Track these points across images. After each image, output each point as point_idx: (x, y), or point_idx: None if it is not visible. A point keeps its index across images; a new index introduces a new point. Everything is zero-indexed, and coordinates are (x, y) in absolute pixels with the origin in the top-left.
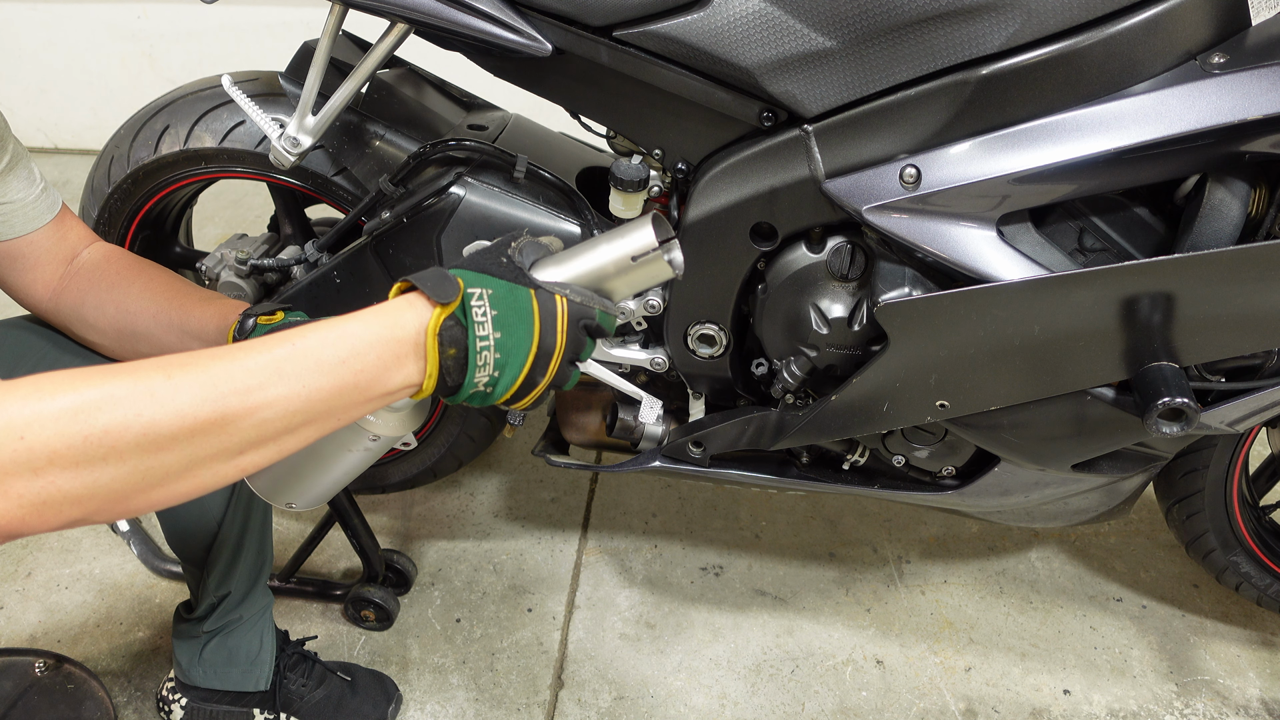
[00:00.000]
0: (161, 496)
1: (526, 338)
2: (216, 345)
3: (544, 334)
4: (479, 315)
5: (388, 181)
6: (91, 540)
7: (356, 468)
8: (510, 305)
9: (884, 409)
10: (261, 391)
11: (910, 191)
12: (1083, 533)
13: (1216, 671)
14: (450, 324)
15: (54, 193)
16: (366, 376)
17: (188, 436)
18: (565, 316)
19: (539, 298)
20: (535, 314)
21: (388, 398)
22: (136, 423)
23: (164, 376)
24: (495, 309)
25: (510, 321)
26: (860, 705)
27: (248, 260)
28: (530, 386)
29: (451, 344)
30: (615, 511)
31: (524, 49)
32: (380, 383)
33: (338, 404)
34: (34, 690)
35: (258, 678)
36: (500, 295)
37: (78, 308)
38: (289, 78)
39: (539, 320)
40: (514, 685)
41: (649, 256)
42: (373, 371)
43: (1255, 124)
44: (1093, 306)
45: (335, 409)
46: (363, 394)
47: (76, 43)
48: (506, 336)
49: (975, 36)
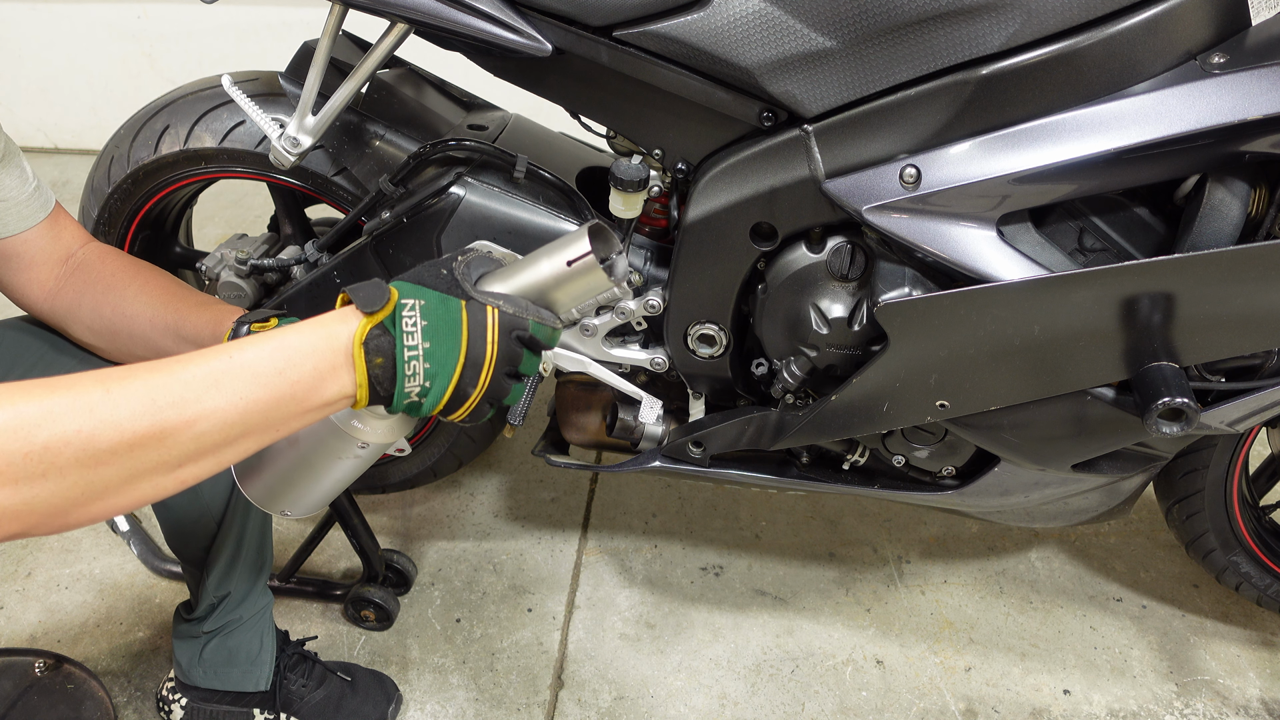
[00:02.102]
0: (100, 509)
1: (455, 348)
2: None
3: (472, 344)
4: (408, 325)
5: (388, 181)
6: (91, 540)
7: (348, 475)
8: (440, 315)
9: (884, 409)
10: (198, 404)
11: (910, 191)
12: (1083, 533)
13: (1216, 671)
14: (377, 333)
15: (47, 191)
16: (303, 387)
17: (126, 450)
18: (495, 326)
19: (469, 308)
20: (464, 324)
21: (326, 408)
22: (76, 438)
23: (103, 391)
24: (426, 319)
25: (440, 331)
26: (860, 705)
27: (248, 260)
28: (462, 397)
29: (378, 353)
30: (615, 511)
31: (524, 49)
32: (316, 393)
33: (275, 415)
34: (34, 690)
35: (258, 678)
36: (432, 305)
37: (74, 309)
38: (289, 78)
39: (467, 330)
40: (514, 685)
41: (583, 264)
42: (308, 382)
43: (1255, 124)
44: (1093, 306)
45: (273, 420)
46: (299, 405)
47: (76, 43)
48: (436, 346)
49: (975, 36)
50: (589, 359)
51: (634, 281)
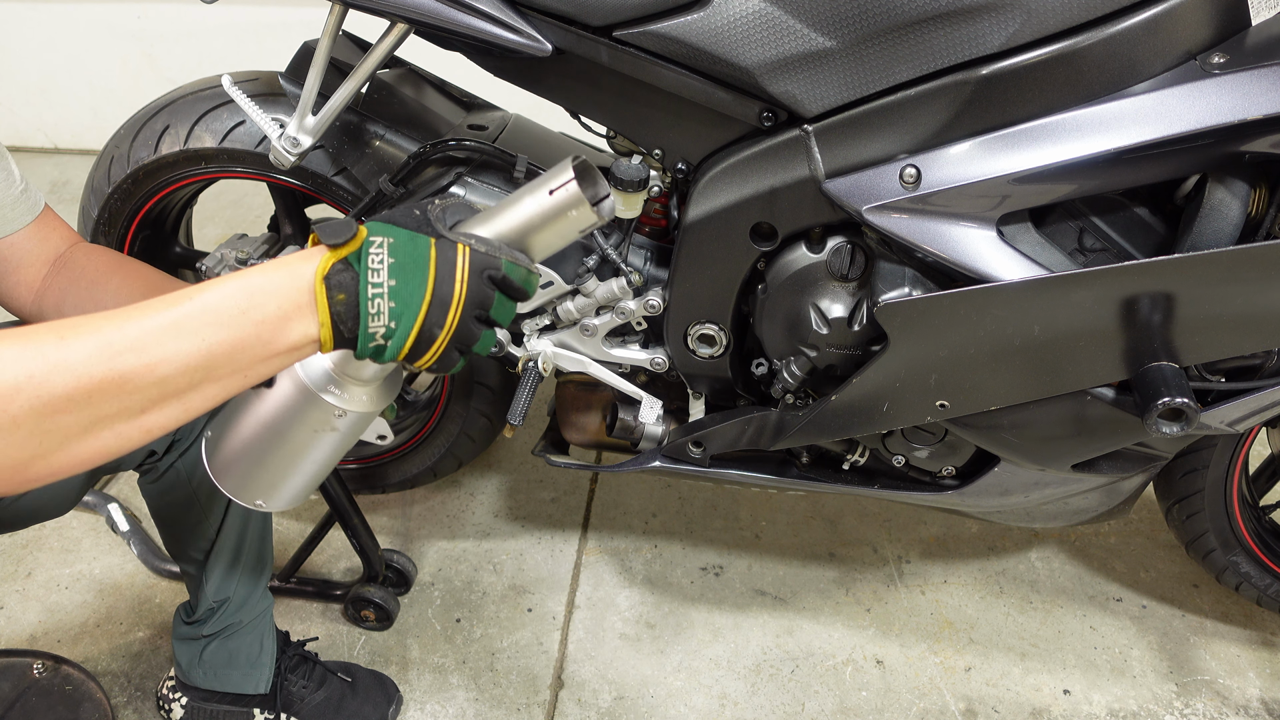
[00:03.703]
0: (63, 462)
1: (421, 285)
2: None
3: (440, 281)
4: (374, 262)
5: (388, 181)
6: (91, 540)
7: (327, 455)
8: (408, 252)
9: (884, 409)
10: (159, 348)
11: (910, 191)
12: (1083, 533)
13: (1216, 671)
14: (340, 268)
15: (36, 193)
16: (267, 328)
17: (84, 398)
18: (465, 265)
19: (438, 245)
20: (431, 261)
21: (293, 353)
22: (28, 385)
23: (56, 338)
24: (393, 256)
25: (406, 268)
26: (860, 705)
27: (248, 260)
28: (429, 340)
29: (340, 289)
30: (615, 511)
31: (524, 49)
32: (281, 334)
33: (240, 358)
34: (32, 691)
35: (258, 680)
36: (400, 243)
37: (58, 308)
38: (289, 78)
39: (434, 266)
40: (514, 685)
41: (566, 192)
42: (273, 322)
43: (1255, 124)
44: (1093, 306)
45: (239, 363)
46: (265, 348)
47: (76, 43)
48: (401, 284)
49: (975, 36)
50: (589, 359)
51: (634, 281)
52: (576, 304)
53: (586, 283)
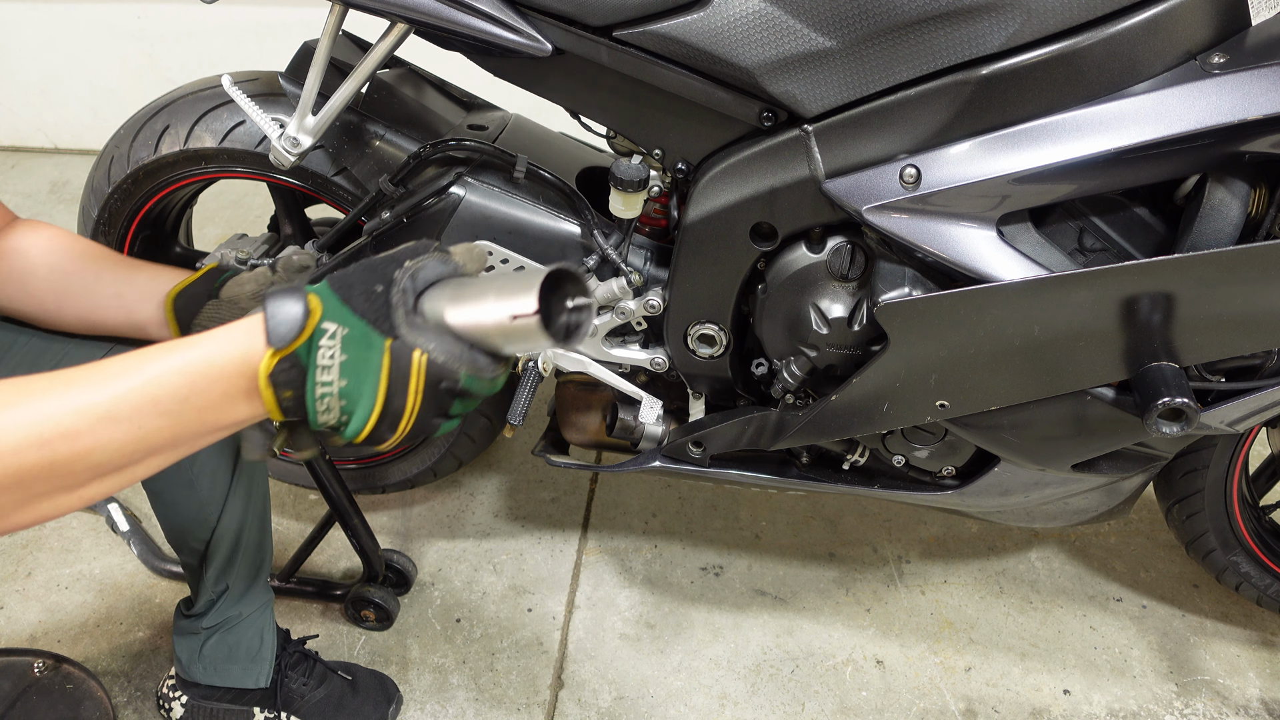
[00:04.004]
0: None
1: (371, 394)
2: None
3: (391, 395)
4: (324, 358)
5: (388, 181)
6: (91, 540)
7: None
8: (361, 353)
9: (884, 409)
10: (91, 435)
11: (910, 191)
12: (1083, 533)
13: (1216, 671)
14: (286, 366)
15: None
16: (210, 414)
17: (17, 483)
18: (420, 376)
19: (393, 350)
20: (385, 370)
21: (237, 426)
22: None
23: None
24: (345, 352)
25: (358, 369)
26: (860, 705)
27: (248, 260)
28: (378, 439)
29: (287, 386)
30: (615, 511)
31: (524, 49)
32: (226, 415)
33: (182, 439)
34: (33, 690)
35: (258, 674)
36: (354, 338)
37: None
38: (289, 78)
39: (387, 379)
40: (514, 685)
41: (527, 323)
42: (217, 406)
43: (1255, 124)
44: (1093, 306)
45: (180, 443)
46: (207, 427)
47: (76, 43)
48: (352, 386)
49: (975, 36)
50: (589, 359)
51: (634, 281)
52: None
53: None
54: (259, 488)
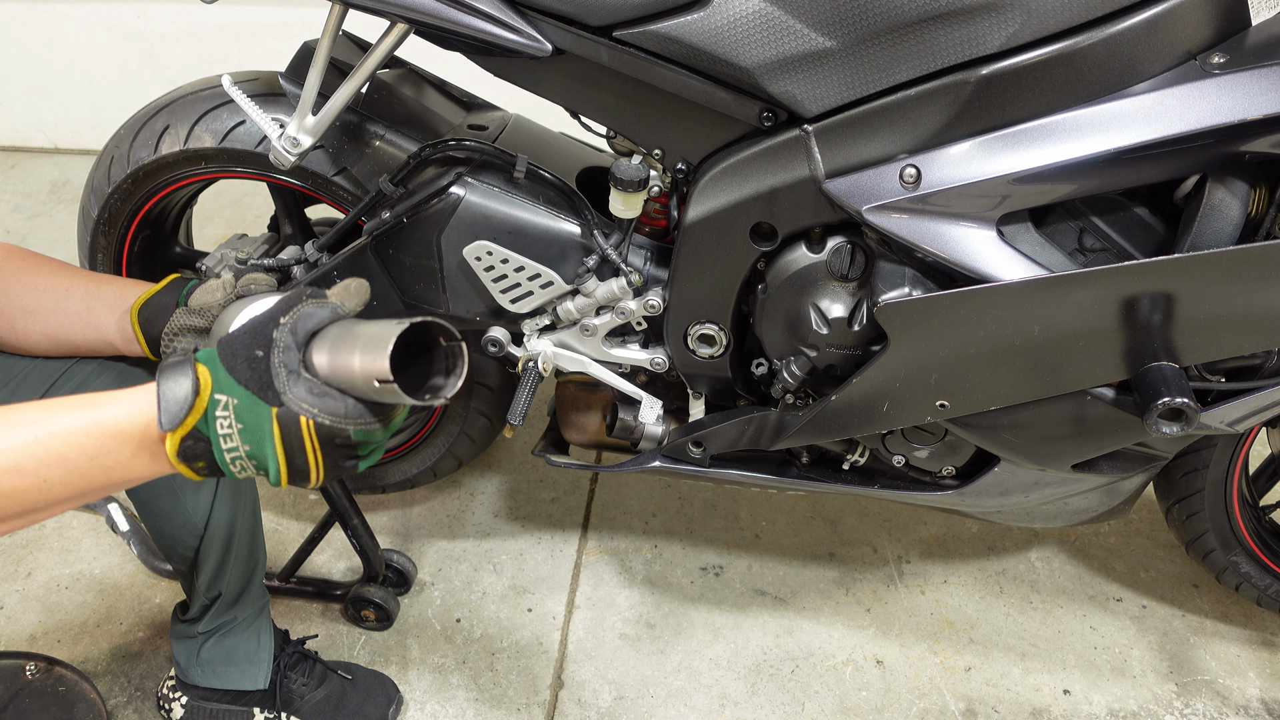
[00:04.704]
0: None
1: (273, 456)
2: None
3: (291, 456)
4: (223, 427)
5: (388, 181)
6: (91, 540)
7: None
8: (253, 422)
9: (884, 409)
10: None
11: (910, 191)
12: (1083, 533)
13: (1216, 671)
14: (189, 443)
15: None
16: (118, 472)
17: None
18: (313, 439)
19: (280, 419)
20: (276, 435)
21: (145, 479)
22: None
23: None
24: (240, 422)
25: (256, 437)
26: (860, 705)
27: (248, 260)
28: (302, 484)
29: (197, 458)
30: (615, 511)
31: (524, 49)
32: (134, 473)
33: (87, 490)
34: (25, 693)
35: (255, 677)
36: (244, 408)
37: None
38: (289, 78)
39: (282, 444)
40: (514, 685)
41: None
42: (125, 466)
43: (1255, 124)
44: (1093, 306)
45: (85, 494)
46: (114, 482)
47: (76, 43)
48: (255, 449)
49: (975, 36)
50: (589, 359)
51: (634, 281)
52: (576, 304)
53: (586, 283)
54: (247, 493)
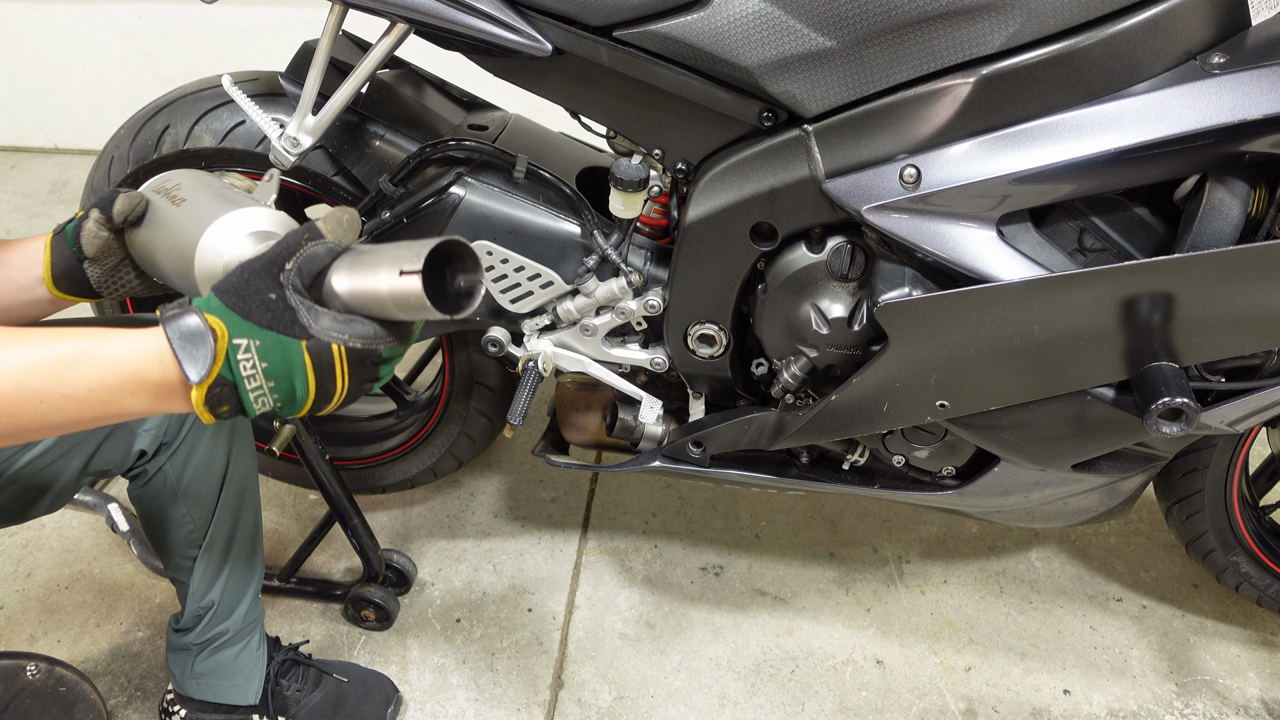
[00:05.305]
0: None
1: (303, 386)
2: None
3: (322, 383)
4: (247, 368)
5: (388, 181)
6: (91, 540)
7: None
8: (281, 358)
9: (884, 409)
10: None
11: (910, 191)
12: (1083, 533)
13: (1216, 671)
14: (215, 389)
15: None
16: (114, 408)
17: None
18: (345, 364)
19: (311, 351)
20: (309, 366)
21: (137, 417)
22: None
23: None
24: (265, 361)
25: (285, 372)
26: (860, 705)
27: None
28: (318, 410)
29: (222, 402)
30: (615, 511)
31: (524, 49)
32: (129, 409)
33: (82, 419)
34: (25, 694)
35: (248, 691)
36: (269, 347)
37: None
38: (289, 78)
39: (314, 374)
40: (514, 685)
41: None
42: (122, 403)
43: (1255, 124)
44: (1093, 307)
45: (79, 422)
46: (110, 414)
47: (76, 43)
48: (282, 383)
49: (975, 36)
50: (589, 359)
51: (634, 281)
52: (576, 304)
53: (586, 283)
54: (250, 504)
